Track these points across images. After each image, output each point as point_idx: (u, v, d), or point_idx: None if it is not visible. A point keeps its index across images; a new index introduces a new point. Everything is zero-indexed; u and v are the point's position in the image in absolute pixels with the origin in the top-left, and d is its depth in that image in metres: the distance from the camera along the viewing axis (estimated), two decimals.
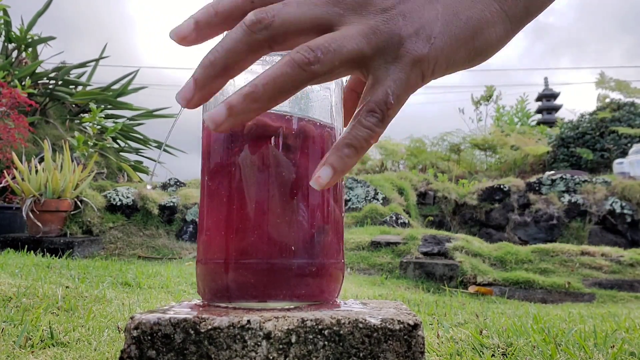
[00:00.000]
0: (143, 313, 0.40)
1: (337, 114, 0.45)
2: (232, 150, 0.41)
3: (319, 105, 0.43)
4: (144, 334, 0.38)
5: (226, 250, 0.41)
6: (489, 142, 7.21)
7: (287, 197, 0.41)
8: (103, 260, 2.43)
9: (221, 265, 0.41)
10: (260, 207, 0.40)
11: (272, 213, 0.40)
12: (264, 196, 0.40)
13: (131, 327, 0.38)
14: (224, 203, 0.41)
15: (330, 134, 0.44)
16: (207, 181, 0.43)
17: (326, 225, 0.43)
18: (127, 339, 0.38)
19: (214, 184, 0.42)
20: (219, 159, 0.42)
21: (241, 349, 0.37)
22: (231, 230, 0.41)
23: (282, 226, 0.40)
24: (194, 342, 0.38)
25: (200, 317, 0.38)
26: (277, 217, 0.40)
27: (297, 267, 0.40)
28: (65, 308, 0.90)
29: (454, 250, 2.91)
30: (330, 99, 0.44)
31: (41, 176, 3.37)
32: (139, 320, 0.38)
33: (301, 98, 0.42)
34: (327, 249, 0.43)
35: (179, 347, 0.38)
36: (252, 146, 0.41)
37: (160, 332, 0.38)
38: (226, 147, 0.42)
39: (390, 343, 0.38)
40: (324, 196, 0.43)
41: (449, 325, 0.92)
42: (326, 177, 0.35)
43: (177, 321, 0.38)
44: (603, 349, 0.70)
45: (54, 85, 5.86)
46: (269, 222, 0.40)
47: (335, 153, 0.35)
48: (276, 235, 0.40)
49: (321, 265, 0.42)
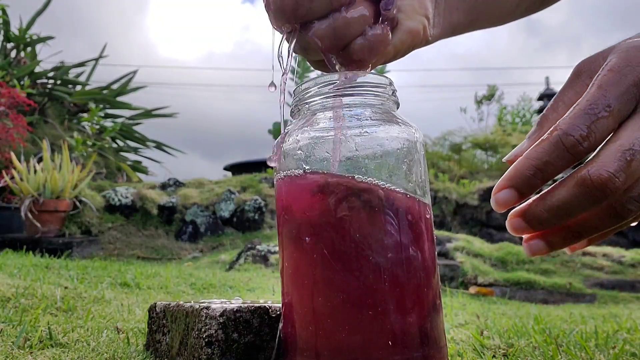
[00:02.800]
0: (218, 303, 0.48)
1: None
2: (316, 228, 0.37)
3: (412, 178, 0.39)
4: (229, 319, 0.45)
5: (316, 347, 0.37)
6: (490, 142, 7.21)
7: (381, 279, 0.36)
8: (102, 260, 2.42)
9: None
10: (352, 296, 0.35)
11: (367, 301, 0.35)
12: (357, 281, 0.35)
13: (217, 315, 0.45)
14: (310, 289, 0.37)
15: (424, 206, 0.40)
16: (285, 258, 0.40)
17: (432, 307, 0.38)
18: (214, 324, 0.45)
19: (295, 261, 0.39)
20: (298, 236, 0.38)
21: None
22: (320, 324, 0.36)
23: (378, 315, 0.35)
24: (267, 325, 0.46)
25: (270, 306, 0.46)
26: (371, 303, 0.35)
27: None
28: (64, 309, 0.89)
29: (455, 251, 2.91)
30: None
31: (40, 176, 3.37)
32: (222, 308, 0.46)
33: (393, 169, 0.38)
34: (432, 335, 0.37)
35: (256, 329, 0.46)
36: (340, 220, 0.36)
37: (242, 318, 0.46)
38: (309, 223, 0.37)
39: None
40: (426, 275, 0.38)
41: (450, 326, 0.92)
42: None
43: (254, 308, 0.46)
44: (604, 349, 0.70)
45: (52, 85, 5.86)
46: (363, 313, 0.35)
47: None
48: (373, 328, 0.35)
49: (426, 357, 0.36)
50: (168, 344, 0.55)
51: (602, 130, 0.34)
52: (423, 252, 0.38)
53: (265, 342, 0.47)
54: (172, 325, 0.55)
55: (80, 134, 4.85)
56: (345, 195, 0.36)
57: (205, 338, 0.46)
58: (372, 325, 0.35)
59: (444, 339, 0.39)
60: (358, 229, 0.36)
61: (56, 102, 5.78)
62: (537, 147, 0.36)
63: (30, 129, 4.30)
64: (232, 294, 1.38)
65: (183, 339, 0.51)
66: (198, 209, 4.16)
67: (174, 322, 0.54)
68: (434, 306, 0.38)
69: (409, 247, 0.37)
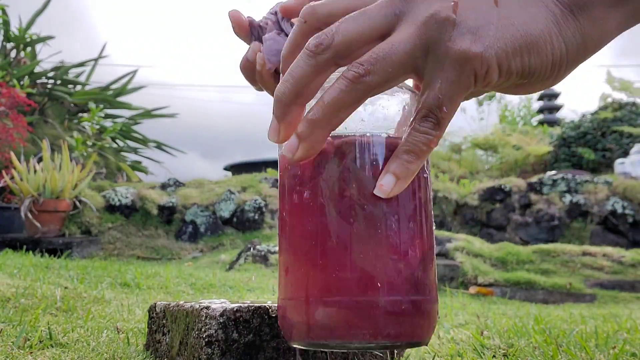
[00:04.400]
0: (217, 303, 0.48)
1: None
2: (308, 181, 0.40)
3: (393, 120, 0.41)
4: (229, 319, 0.46)
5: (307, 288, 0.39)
6: (490, 142, 7.21)
7: (372, 225, 0.38)
8: (102, 260, 2.43)
9: (302, 303, 0.39)
10: (343, 239, 0.38)
11: (356, 245, 0.37)
12: (347, 227, 0.38)
13: (217, 315, 0.45)
14: (304, 236, 0.39)
15: None
16: (284, 215, 0.41)
17: (421, 255, 0.39)
18: (214, 324, 0.45)
19: (292, 217, 0.40)
20: (295, 192, 0.40)
21: None
22: (313, 267, 0.38)
23: (368, 259, 0.37)
24: (267, 325, 0.47)
25: (270, 306, 0.47)
26: (362, 249, 0.37)
27: (385, 305, 0.37)
28: (64, 309, 0.89)
29: (455, 251, 2.91)
30: (408, 109, 0.41)
31: (40, 176, 3.37)
32: (223, 308, 0.46)
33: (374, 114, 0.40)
34: (422, 282, 0.39)
35: (256, 329, 0.47)
36: (328, 172, 0.39)
37: (242, 318, 0.46)
38: (301, 178, 0.40)
39: None
40: (416, 222, 0.39)
41: (450, 326, 0.92)
42: (389, 185, 0.36)
43: (254, 308, 0.47)
44: (604, 349, 0.70)
45: (52, 85, 5.86)
46: (353, 256, 0.37)
47: (396, 161, 0.36)
48: (362, 270, 0.37)
49: (414, 302, 0.38)
50: (168, 344, 0.55)
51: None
52: (415, 203, 0.40)
53: (265, 342, 0.47)
54: (172, 325, 0.55)
55: (80, 134, 4.85)
56: (337, 149, 0.39)
57: (205, 338, 0.46)
58: (362, 267, 0.37)
59: (435, 290, 0.40)
60: (353, 178, 0.38)
61: (56, 102, 5.78)
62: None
63: (30, 129, 4.30)
64: (232, 294, 1.38)
65: (183, 339, 0.51)
66: (198, 209, 4.16)
67: (174, 322, 0.54)
68: (426, 255, 0.40)
69: (402, 197, 0.39)
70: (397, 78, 0.35)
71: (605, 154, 6.63)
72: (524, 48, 0.34)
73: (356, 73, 0.34)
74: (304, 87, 0.36)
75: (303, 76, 0.35)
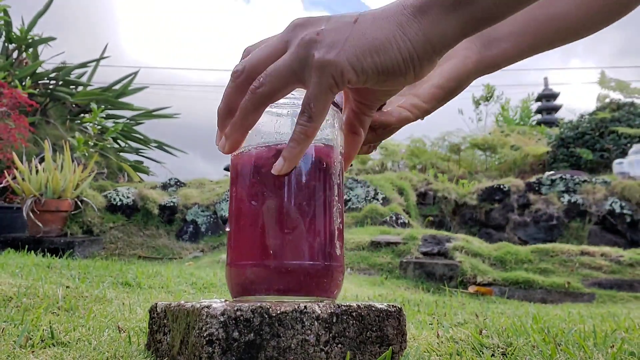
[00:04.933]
0: (218, 303, 0.50)
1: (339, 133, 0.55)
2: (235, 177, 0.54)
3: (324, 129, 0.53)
4: (229, 318, 0.46)
5: (252, 255, 0.51)
6: (489, 142, 7.20)
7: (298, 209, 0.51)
8: (103, 260, 2.43)
9: (248, 267, 0.51)
10: (280, 221, 0.50)
11: (290, 223, 0.50)
12: (282, 211, 0.50)
13: (217, 314, 0.46)
14: (250, 217, 0.51)
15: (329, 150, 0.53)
16: (234, 200, 0.53)
17: (336, 233, 0.52)
18: (214, 323, 0.46)
19: (241, 202, 0.52)
20: (245, 182, 0.52)
21: (300, 327, 0.49)
22: (256, 239, 0.50)
23: (299, 235, 0.50)
24: (267, 324, 0.48)
25: (270, 305, 0.49)
26: (294, 227, 0.50)
27: (311, 269, 0.50)
28: (66, 308, 0.90)
29: (454, 250, 2.91)
30: (331, 120, 0.53)
31: (42, 176, 3.38)
32: (223, 307, 0.47)
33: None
34: (335, 254, 0.52)
35: (257, 328, 0.47)
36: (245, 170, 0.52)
37: (242, 317, 0.47)
38: (249, 172, 0.52)
39: (390, 320, 0.55)
40: (330, 207, 0.52)
41: (449, 325, 0.92)
42: (280, 164, 0.48)
43: (255, 307, 0.47)
44: (603, 348, 0.70)
45: (54, 86, 5.86)
46: (290, 232, 0.50)
47: (286, 147, 0.48)
48: (294, 242, 0.50)
49: (330, 267, 0.52)
50: (169, 343, 0.55)
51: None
52: (326, 189, 0.52)
53: (266, 341, 0.47)
54: (173, 325, 0.55)
55: (81, 134, 4.86)
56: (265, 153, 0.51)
57: (206, 337, 0.46)
58: (289, 240, 0.50)
59: (342, 259, 0.54)
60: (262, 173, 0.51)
61: (58, 102, 5.79)
62: None
63: (32, 129, 4.31)
64: None
65: (184, 338, 0.51)
66: (199, 208, 4.17)
67: (175, 322, 0.54)
68: (334, 232, 0.52)
69: (314, 186, 0.51)
70: (286, 87, 0.45)
71: (603, 154, 6.62)
72: (372, 50, 0.43)
73: (254, 86, 0.45)
74: (231, 104, 0.47)
75: (229, 96, 0.47)
